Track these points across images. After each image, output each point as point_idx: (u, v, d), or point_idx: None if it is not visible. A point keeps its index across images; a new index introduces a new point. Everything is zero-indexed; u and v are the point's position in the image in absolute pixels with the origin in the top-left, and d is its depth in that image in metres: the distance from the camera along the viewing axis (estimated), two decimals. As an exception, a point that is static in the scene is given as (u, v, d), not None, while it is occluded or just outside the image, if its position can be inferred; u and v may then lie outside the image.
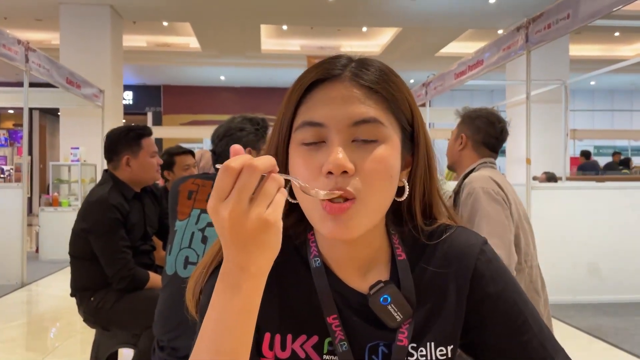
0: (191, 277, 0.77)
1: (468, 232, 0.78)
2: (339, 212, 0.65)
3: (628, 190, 5.23)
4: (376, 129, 0.67)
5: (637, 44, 10.60)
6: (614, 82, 13.37)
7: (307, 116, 0.68)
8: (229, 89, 14.39)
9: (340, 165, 0.63)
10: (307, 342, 0.72)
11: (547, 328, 0.74)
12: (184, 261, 1.59)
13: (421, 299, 0.73)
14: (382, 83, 0.68)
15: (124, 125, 2.45)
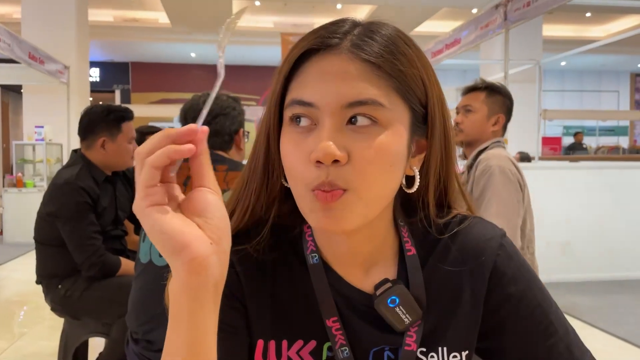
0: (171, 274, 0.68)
1: (485, 223, 0.70)
2: (330, 200, 0.56)
3: (601, 170, 5.29)
4: (375, 112, 0.57)
5: (608, 25, 10.71)
6: (584, 62, 13.54)
7: (296, 93, 0.59)
8: (200, 66, 14.07)
9: (328, 154, 0.55)
10: (304, 348, 0.64)
11: (573, 329, 0.67)
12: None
13: (432, 299, 0.65)
14: (388, 56, 0.58)
15: (105, 104, 2.30)
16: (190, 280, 0.47)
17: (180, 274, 0.48)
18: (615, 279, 4.72)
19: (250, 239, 0.65)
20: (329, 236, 0.66)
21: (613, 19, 10.36)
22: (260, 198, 0.64)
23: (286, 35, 7.75)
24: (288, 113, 0.60)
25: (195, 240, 0.47)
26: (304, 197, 0.59)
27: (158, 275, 1.48)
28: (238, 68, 13.60)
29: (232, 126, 1.69)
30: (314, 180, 0.57)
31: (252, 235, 0.66)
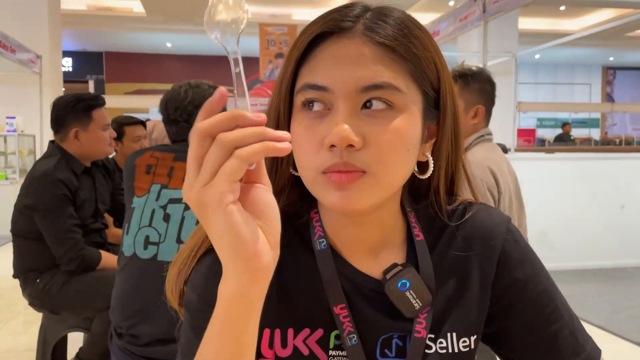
0: (173, 264, 0.66)
1: (491, 209, 0.70)
2: (346, 181, 0.55)
3: (575, 161, 5.40)
4: (391, 96, 0.56)
5: (581, 19, 10.88)
6: (558, 56, 13.75)
7: (309, 77, 0.58)
8: (176, 56, 13.88)
9: (344, 138, 0.54)
10: (311, 336, 0.63)
11: (576, 316, 0.68)
12: (143, 241, 1.47)
13: (441, 284, 0.65)
14: (402, 39, 0.57)
15: (74, 93, 2.24)
16: (252, 288, 0.47)
17: (242, 280, 0.47)
18: (590, 268, 4.83)
19: None
20: (339, 221, 0.65)
21: (586, 12, 10.53)
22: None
23: (264, 25, 7.68)
24: (300, 98, 0.58)
25: (263, 249, 0.46)
26: (314, 181, 0.58)
27: (143, 268, 1.46)
28: (215, 58, 13.46)
29: (216, 117, 1.66)
30: (325, 162, 0.56)
31: None
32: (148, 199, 1.51)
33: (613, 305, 3.91)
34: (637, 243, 5.17)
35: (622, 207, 5.15)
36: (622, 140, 11.14)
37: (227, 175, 0.43)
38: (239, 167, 0.43)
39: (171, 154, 1.58)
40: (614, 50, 13.29)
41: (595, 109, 14.38)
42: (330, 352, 0.63)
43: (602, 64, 15.25)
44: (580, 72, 15.25)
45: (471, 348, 0.65)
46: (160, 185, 1.52)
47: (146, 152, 1.60)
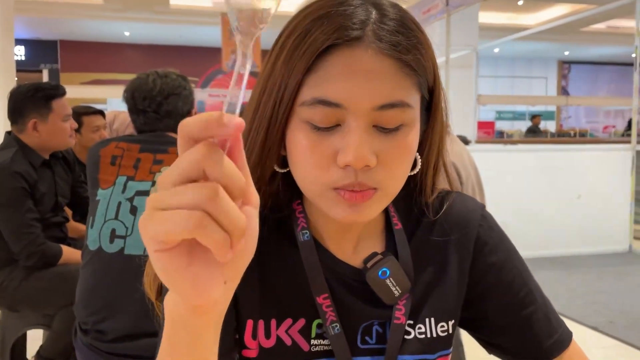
0: (149, 262, 0.64)
1: (465, 197, 0.73)
2: (361, 200, 0.56)
3: (533, 152, 5.55)
4: (403, 114, 0.55)
5: (538, 13, 11.14)
6: (516, 49, 14.04)
7: (320, 92, 0.54)
8: (135, 46, 13.53)
9: (361, 159, 0.53)
10: (293, 326, 0.64)
11: (548, 300, 0.71)
12: (109, 234, 1.42)
13: (419, 271, 0.67)
14: (414, 51, 0.56)
15: (33, 83, 2.15)
16: (192, 320, 0.42)
17: (181, 310, 0.41)
18: (548, 256, 4.98)
19: None
20: (325, 215, 0.65)
21: (543, 7, 10.80)
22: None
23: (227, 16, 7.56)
24: (306, 113, 0.55)
25: (209, 287, 0.38)
26: (322, 195, 0.57)
27: (109, 262, 1.42)
28: (176, 48, 13.22)
29: (184, 107, 1.63)
30: (338, 180, 0.55)
31: None
32: (114, 192, 1.47)
33: (571, 292, 4.05)
34: (593, 232, 5.37)
35: (579, 197, 5.33)
36: (576, 133, 11.52)
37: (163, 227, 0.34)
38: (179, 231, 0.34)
39: (137, 144, 1.53)
40: (569, 45, 13.68)
41: (552, 102, 14.81)
42: (312, 342, 0.64)
43: (558, 58, 15.68)
44: (537, 66, 15.64)
45: (449, 333, 0.68)
46: (126, 177, 1.48)
47: (111, 143, 1.55)
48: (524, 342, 0.68)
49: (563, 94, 15.87)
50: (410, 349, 0.65)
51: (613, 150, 5.73)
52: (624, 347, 3.10)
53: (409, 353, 0.64)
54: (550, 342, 0.68)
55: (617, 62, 15.41)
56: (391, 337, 0.63)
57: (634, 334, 3.28)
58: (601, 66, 15.86)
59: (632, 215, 5.46)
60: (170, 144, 1.55)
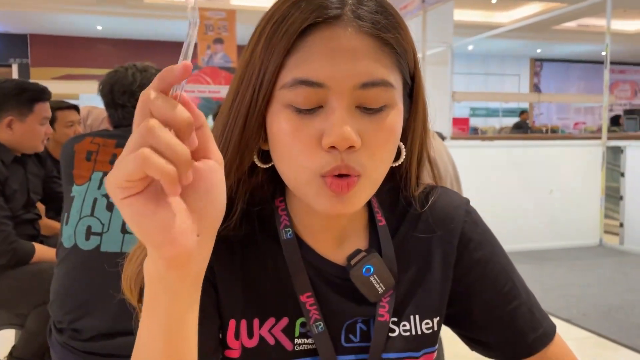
0: (130, 260, 0.63)
1: (450, 192, 0.72)
2: (346, 190, 0.54)
3: (507, 148, 5.64)
4: (385, 93, 0.55)
5: (512, 12, 11.29)
6: (489, 47, 14.22)
7: (301, 72, 0.53)
8: (108, 40, 13.29)
9: (346, 140, 0.52)
10: (276, 325, 0.62)
11: (532, 293, 0.71)
12: (85, 231, 1.40)
13: (403, 268, 0.66)
14: (393, 31, 0.56)
15: (18, 80, 2.10)
16: (168, 274, 0.43)
17: (157, 265, 0.43)
18: (522, 250, 5.06)
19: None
20: (309, 211, 0.64)
21: (516, 5, 10.95)
22: (230, 177, 0.60)
23: (202, 10, 7.48)
24: (288, 95, 0.54)
25: (179, 236, 0.41)
26: (309, 183, 0.56)
27: (85, 260, 1.39)
28: (150, 43, 13.03)
29: (163, 102, 1.60)
30: (324, 165, 0.54)
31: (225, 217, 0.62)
32: (89, 188, 1.44)
33: (543, 285, 4.12)
34: (565, 226, 5.48)
35: (551, 192, 5.43)
36: (548, 129, 11.73)
37: (121, 172, 0.39)
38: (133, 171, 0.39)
39: (113, 140, 1.51)
40: (541, 43, 13.90)
41: (524, 98, 15.04)
42: (295, 341, 0.63)
43: (530, 56, 15.93)
44: (510, 64, 15.86)
45: (434, 330, 0.67)
46: (102, 172, 1.45)
47: (86, 138, 1.52)
48: (509, 338, 0.67)
49: (535, 91, 16.13)
50: (394, 346, 0.64)
51: (584, 147, 5.85)
52: (596, 339, 3.18)
53: (394, 351, 0.64)
54: (535, 336, 0.67)
55: (587, 60, 15.73)
56: (375, 335, 0.63)
57: (606, 326, 3.35)
58: (572, 64, 16.17)
59: (602, 210, 5.59)
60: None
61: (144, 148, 0.38)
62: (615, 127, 10.01)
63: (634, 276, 4.50)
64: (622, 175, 5.51)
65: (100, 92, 1.60)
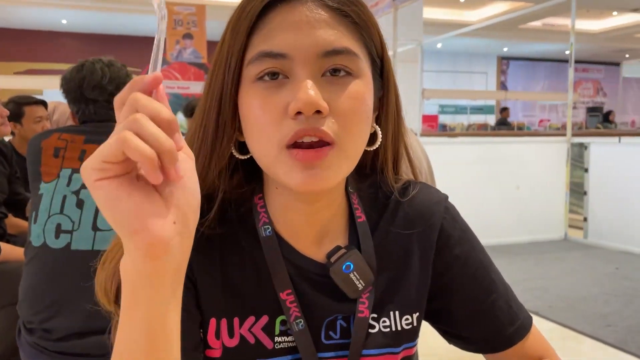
0: (105, 262, 0.62)
1: (430, 188, 0.73)
2: (315, 159, 0.53)
3: (475, 145, 5.74)
4: (350, 61, 0.55)
5: (479, 10, 11.47)
6: (458, 45, 14.42)
7: (264, 46, 0.55)
8: (72, 34, 12.97)
9: (312, 103, 0.52)
10: (256, 324, 0.62)
11: (509, 286, 0.72)
12: (54, 230, 1.36)
13: (383, 264, 0.66)
14: (351, 5, 0.57)
15: None
16: (146, 267, 0.42)
17: (134, 258, 0.42)
18: (489, 245, 5.15)
19: (201, 215, 0.62)
20: (288, 205, 0.64)
21: (484, 4, 11.12)
22: (210, 170, 0.60)
23: (171, 4, 7.37)
24: (254, 70, 0.55)
25: (154, 222, 0.41)
26: (277, 157, 0.55)
27: (55, 258, 1.36)
28: (117, 38, 12.78)
29: (133, 97, 1.58)
30: (289, 132, 0.53)
31: (203, 212, 0.61)
32: (58, 185, 1.40)
33: (511, 279, 4.16)
34: (531, 220, 5.61)
35: (518, 188, 5.55)
36: (514, 126, 11.96)
37: (98, 154, 0.41)
38: (112, 153, 0.40)
39: (82, 135, 1.47)
40: (508, 42, 14.17)
41: (492, 96, 15.31)
42: (276, 339, 0.62)
43: (497, 54, 16.21)
44: (477, 62, 16.11)
45: (414, 325, 0.67)
46: (71, 169, 1.42)
47: (53, 134, 1.49)
48: (487, 331, 0.68)
49: (502, 88, 16.43)
50: (374, 342, 0.64)
51: (549, 143, 6.00)
52: (562, 330, 3.27)
53: (374, 347, 0.64)
54: (513, 329, 0.68)
55: (552, 59, 16.10)
56: (355, 331, 0.63)
57: (571, 317, 3.45)
58: (537, 62, 16.52)
59: (567, 205, 5.74)
60: (118, 135, 1.50)
61: (126, 131, 0.39)
62: (606, 123, 9.96)
63: (597, 269, 4.64)
64: (586, 171, 5.67)
65: (64, 87, 1.56)
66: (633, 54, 15.01)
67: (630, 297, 3.85)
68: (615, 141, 5.54)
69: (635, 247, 5.13)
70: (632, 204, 5.20)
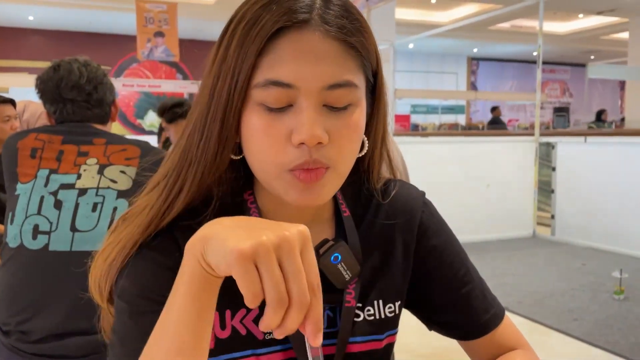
0: (99, 260, 0.63)
1: (408, 185, 0.78)
2: (314, 179, 0.58)
3: (447, 144, 5.83)
4: (350, 93, 0.59)
5: (450, 11, 11.64)
6: (429, 46, 14.60)
7: (272, 73, 0.57)
8: (40, 31, 12.68)
9: (315, 137, 0.56)
10: (248, 315, 0.65)
11: (482, 278, 0.77)
12: (32, 231, 1.35)
13: (368, 255, 0.70)
14: (358, 35, 0.59)
15: None
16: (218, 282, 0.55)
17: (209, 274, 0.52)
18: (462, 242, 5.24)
19: (197, 215, 0.64)
20: (278, 203, 0.66)
21: (454, 5, 11.29)
22: (210, 175, 0.62)
23: (142, 2, 7.28)
24: (259, 94, 0.57)
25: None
26: (278, 177, 0.59)
27: (33, 259, 1.35)
28: (86, 35, 12.54)
29: (110, 96, 1.58)
30: (293, 160, 0.58)
31: (200, 211, 0.64)
32: (35, 185, 1.39)
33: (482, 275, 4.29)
34: (501, 219, 5.74)
35: (488, 186, 5.67)
36: (484, 126, 12.18)
37: (253, 287, 0.48)
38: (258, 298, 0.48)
39: (59, 136, 1.46)
40: (478, 42, 14.41)
41: (463, 96, 15.56)
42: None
43: (467, 55, 16.47)
44: (448, 62, 16.34)
45: (396, 313, 0.72)
46: (48, 170, 1.41)
47: (30, 134, 1.47)
48: (463, 318, 0.73)
49: (472, 88, 16.70)
50: (360, 331, 0.68)
51: (518, 142, 6.14)
52: (532, 325, 3.36)
53: (359, 335, 0.68)
54: (487, 317, 0.73)
55: (520, 60, 16.44)
56: (342, 321, 0.66)
57: (540, 312, 3.55)
58: (506, 63, 16.85)
59: (535, 203, 5.89)
60: (94, 135, 1.49)
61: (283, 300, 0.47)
62: (599, 122, 9.98)
63: (564, 265, 4.78)
64: (553, 170, 5.83)
65: (40, 87, 1.55)
66: (598, 56, 15.44)
67: (596, 291, 3.98)
68: (581, 140, 5.71)
69: (600, 243, 5.30)
70: (597, 201, 5.37)
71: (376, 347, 0.69)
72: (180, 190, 0.62)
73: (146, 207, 0.63)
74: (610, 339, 3.09)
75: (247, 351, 0.64)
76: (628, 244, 5.05)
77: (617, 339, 3.09)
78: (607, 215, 5.26)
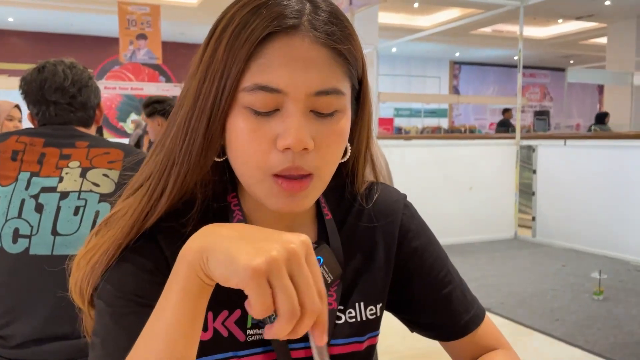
0: (81, 262, 0.63)
1: (390, 188, 0.79)
2: (298, 190, 0.58)
3: (430, 147, 5.89)
4: (337, 100, 0.59)
5: (432, 16, 11.74)
6: (412, 50, 14.71)
7: (261, 78, 0.57)
8: (20, 33, 12.52)
9: (301, 142, 0.56)
10: (230, 317, 0.65)
11: (463, 279, 0.78)
12: (12, 234, 1.33)
13: (349, 258, 0.71)
14: (346, 42, 0.60)
15: None
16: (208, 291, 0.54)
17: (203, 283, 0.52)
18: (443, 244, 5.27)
19: (179, 217, 0.64)
20: (260, 206, 0.66)
21: (436, 10, 11.39)
22: (193, 177, 0.62)
23: (124, 4, 7.23)
24: (247, 98, 0.57)
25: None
26: (261, 181, 0.59)
27: (13, 263, 1.33)
28: (67, 37, 12.41)
29: (95, 99, 1.57)
30: (277, 165, 0.58)
31: (182, 213, 0.64)
32: (16, 188, 1.37)
33: (464, 277, 4.32)
34: (483, 221, 5.80)
35: (470, 189, 5.72)
36: (466, 129, 12.30)
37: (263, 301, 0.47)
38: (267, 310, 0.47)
39: (41, 139, 1.45)
40: (460, 47, 14.55)
41: (445, 100, 15.69)
42: (248, 332, 0.65)
43: (450, 59, 16.62)
44: (431, 66, 16.47)
45: (377, 315, 0.72)
46: (30, 173, 1.39)
47: (11, 137, 1.45)
48: (444, 319, 0.74)
49: (454, 92, 16.86)
50: (341, 333, 0.68)
51: (499, 145, 6.22)
52: (513, 325, 3.40)
53: (341, 337, 0.68)
54: (468, 318, 0.74)
55: (501, 64, 16.63)
56: None
57: (521, 313, 3.59)
58: (487, 67, 17.04)
59: (516, 205, 5.96)
60: (77, 138, 1.48)
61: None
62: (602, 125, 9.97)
63: (545, 266, 4.84)
64: (534, 172, 5.90)
65: (24, 88, 1.54)
66: (577, 60, 15.69)
67: (577, 292, 4.04)
68: (561, 144, 5.79)
69: (580, 244, 5.37)
70: (577, 203, 5.45)
71: (357, 349, 0.69)
72: (162, 192, 0.62)
73: (129, 209, 0.63)
74: (590, 339, 3.14)
75: (229, 353, 0.64)
76: (607, 245, 5.13)
77: (597, 339, 3.14)
78: (587, 217, 5.35)
